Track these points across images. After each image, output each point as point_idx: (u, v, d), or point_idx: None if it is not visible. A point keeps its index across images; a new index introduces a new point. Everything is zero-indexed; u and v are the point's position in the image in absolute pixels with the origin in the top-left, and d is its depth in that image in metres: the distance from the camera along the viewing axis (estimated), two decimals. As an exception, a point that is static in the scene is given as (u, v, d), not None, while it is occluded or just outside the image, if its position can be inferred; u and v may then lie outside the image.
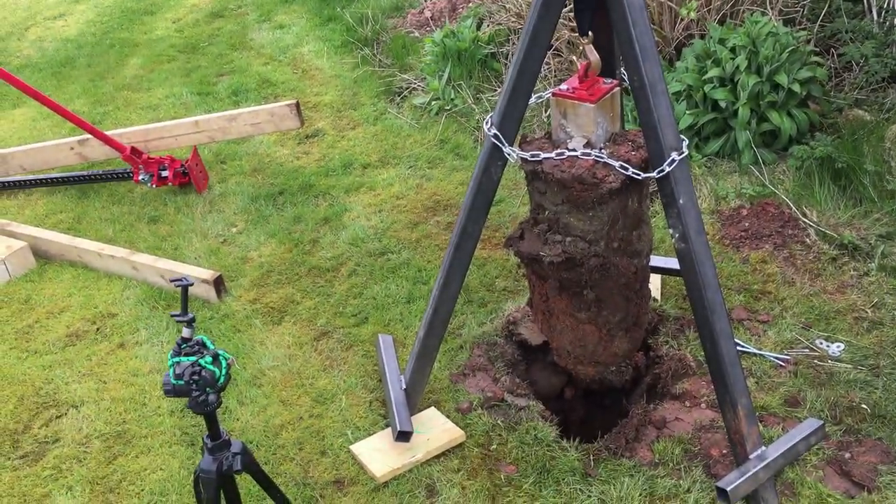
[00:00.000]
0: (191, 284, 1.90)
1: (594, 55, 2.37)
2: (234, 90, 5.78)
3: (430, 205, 4.26)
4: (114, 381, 3.30)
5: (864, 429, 2.80)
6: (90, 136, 4.52)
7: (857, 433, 2.79)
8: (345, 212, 4.28)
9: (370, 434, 2.92)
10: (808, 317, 3.29)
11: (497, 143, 2.45)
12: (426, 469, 2.77)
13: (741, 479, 2.44)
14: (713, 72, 4.09)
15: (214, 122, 4.52)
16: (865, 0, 4.64)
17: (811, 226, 3.72)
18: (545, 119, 4.65)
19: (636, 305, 2.69)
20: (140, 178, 4.51)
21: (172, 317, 1.92)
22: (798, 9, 4.68)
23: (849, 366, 3.05)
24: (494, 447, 2.83)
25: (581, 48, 2.38)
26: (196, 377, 1.86)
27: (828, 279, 3.48)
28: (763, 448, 2.53)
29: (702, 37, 4.51)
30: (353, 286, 3.71)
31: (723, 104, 4.07)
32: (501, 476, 2.73)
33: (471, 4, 5.84)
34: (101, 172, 4.65)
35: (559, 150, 2.38)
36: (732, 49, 4.09)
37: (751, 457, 2.50)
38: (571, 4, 2.46)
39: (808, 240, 3.69)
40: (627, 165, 2.33)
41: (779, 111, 4.05)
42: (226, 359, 1.91)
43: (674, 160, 2.27)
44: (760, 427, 2.67)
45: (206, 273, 3.71)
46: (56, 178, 4.75)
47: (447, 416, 2.94)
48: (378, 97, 5.46)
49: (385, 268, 3.80)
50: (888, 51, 4.42)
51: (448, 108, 5.08)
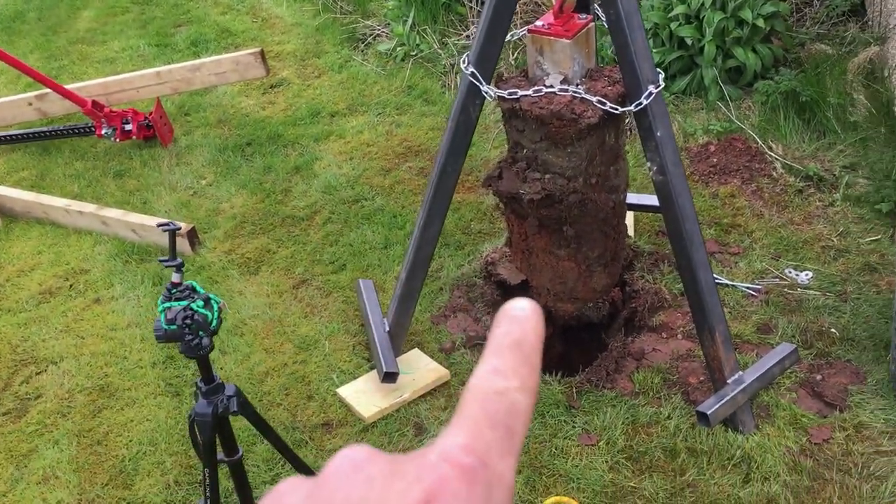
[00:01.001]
0: (178, 229, 1.89)
1: (569, -10, 2.37)
2: (193, 41, 5.66)
3: (402, 151, 4.25)
4: (92, 336, 3.28)
5: (834, 352, 2.90)
6: (49, 91, 4.40)
7: (828, 356, 2.90)
8: (315, 160, 4.25)
9: (355, 377, 2.95)
10: (777, 247, 3.37)
11: (475, 82, 2.45)
12: (413, 408, 2.82)
13: (720, 403, 2.53)
14: (679, 9, 4.10)
15: (177, 73, 4.44)
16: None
17: (777, 159, 3.79)
18: (511, 62, 4.64)
19: (614, 241, 2.74)
20: (103, 133, 4.42)
21: (161, 262, 1.91)
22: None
23: (817, 293, 3.14)
24: (479, 384, 2.88)
25: (556, -17, 2.37)
26: (189, 321, 1.86)
27: (795, 210, 3.56)
28: (740, 373, 2.61)
29: (666, -26, 4.51)
30: (329, 234, 3.71)
31: (689, 41, 4.10)
32: (487, 412, 2.78)
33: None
34: (63, 128, 4.55)
35: (536, 87, 2.39)
36: (697, -15, 4.10)
37: (728, 381, 2.58)
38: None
39: (775, 173, 3.76)
40: (605, 100, 2.35)
41: (744, 47, 4.09)
42: (217, 302, 1.91)
43: (651, 93, 2.30)
44: (736, 354, 2.75)
45: (179, 225, 3.67)
46: (15, 136, 4.63)
47: (431, 357, 2.98)
48: (341, 44, 5.39)
49: (360, 215, 3.80)
50: (848, -16, 4.47)
51: (414, 54, 5.03)
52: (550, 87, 2.37)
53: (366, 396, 2.85)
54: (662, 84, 2.31)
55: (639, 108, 2.31)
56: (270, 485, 2.58)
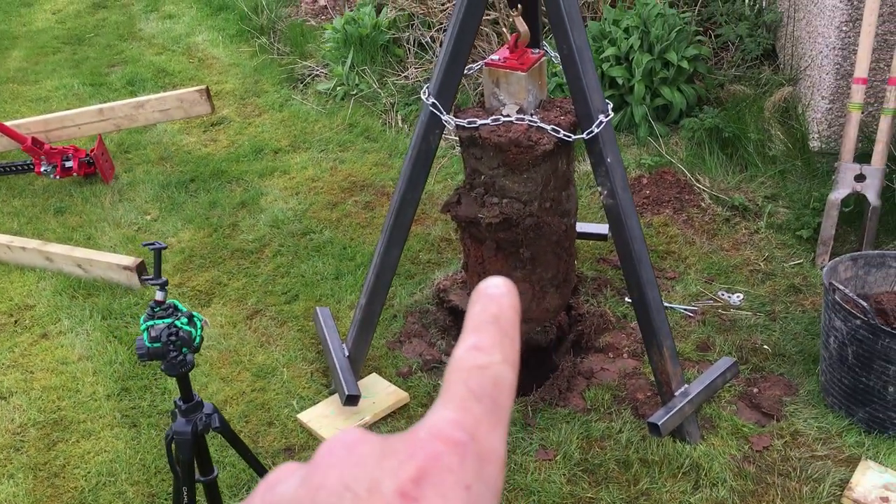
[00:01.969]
0: (164, 248, 1.94)
1: (523, 26, 2.53)
2: (129, 80, 5.66)
3: (347, 186, 4.34)
4: (42, 371, 3.23)
5: (768, 366, 3.10)
6: (-15, 128, 4.35)
7: (762, 370, 3.09)
8: (261, 196, 4.30)
9: (315, 403, 3.00)
10: (710, 272, 3.58)
11: (435, 112, 2.58)
12: (374, 430, 2.86)
13: (669, 414, 2.68)
14: (610, 51, 4.36)
15: (120, 110, 4.45)
16: (739, -16, 5.03)
17: (705, 191, 4.04)
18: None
19: (565, 263, 2.89)
20: (42, 170, 4.37)
21: (145, 280, 1.95)
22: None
23: (749, 313, 3.35)
24: (437, 405, 2.96)
25: (511, 20, 2.54)
26: (173, 338, 1.90)
27: (723, 238, 3.80)
28: (686, 385, 2.77)
29: (595, 19, 4.78)
30: (280, 266, 3.76)
31: (620, 81, 4.35)
32: (447, 431, 2.86)
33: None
34: (0, 165, 4.48)
35: (495, 117, 2.53)
36: (626, 29, 4.37)
37: (676, 394, 2.74)
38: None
39: (703, 203, 4.00)
40: (558, 129, 2.51)
41: (670, 87, 4.36)
42: (200, 319, 1.96)
43: (601, 122, 2.47)
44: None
45: (126, 260, 3.67)
46: (-53, 174, 4.54)
47: (389, 381, 3.05)
48: (281, 84, 5.48)
49: (309, 247, 3.87)
50: (759, 31, 4.82)
51: (354, 93, 5.16)
52: (508, 117, 2.52)
53: (327, 420, 2.89)
54: (612, 114, 2.49)
55: (590, 136, 2.48)
56: (237, 509, 2.59)
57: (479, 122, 2.53)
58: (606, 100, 2.52)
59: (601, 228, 3.50)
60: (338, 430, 0.37)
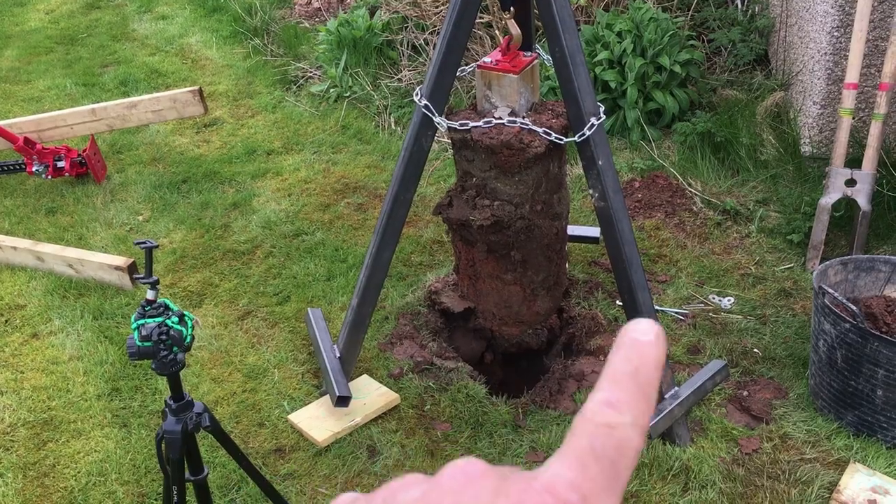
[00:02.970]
0: (156, 247, 1.94)
1: (516, 29, 2.54)
2: (122, 80, 5.65)
3: (339, 187, 4.34)
4: (32, 371, 3.22)
5: (758, 370, 3.11)
6: (-23, 127, 4.34)
7: (752, 374, 3.10)
8: (253, 197, 4.30)
9: (306, 404, 3.00)
10: (701, 275, 3.60)
11: (428, 114, 2.58)
12: (366, 431, 2.88)
13: (659, 417, 2.69)
14: (602, 55, 4.37)
15: (112, 110, 4.44)
16: (731, -10, 5.05)
17: (697, 195, 4.05)
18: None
19: (556, 265, 2.89)
20: (34, 170, 4.36)
21: (136, 279, 1.95)
22: (672, -2, 5.06)
23: (739, 316, 3.37)
24: (428, 407, 2.97)
25: (504, 23, 2.55)
26: (164, 337, 1.90)
27: (715, 242, 3.81)
28: (676, 388, 2.78)
29: (588, 23, 4.79)
30: (272, 267, 3.75)
31: (612, 85, 4.36)
32: (438, 433, 2.87)
33: (361, -6, 5.93)
34: (-9, 165, 4.47)
35: (486, 119, 2.54)
36: (619, 33, 4.39)
37: (666, 396, 2.75)
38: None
39: (695, 207, 4.02)
40: (550, 131, 2.52)
41: (662, 91, 4.38)
42: (191, 318, 1.96)
43: (593, 125, 2.48)
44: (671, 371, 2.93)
45: (118, 260, 3.66)
46: (-61, 173, 4.53)
47: (380, 382, 3.05)
48: (274, 86, 5.48)
49: (301, 248, 3.87)
50: (752, 36, 4.85)
51: (347, 95, 5.16)
52: (499, 119, 2.53)
53: (318, 421, 2.89)
54: (603, 117, 2.49)
55: (582, 139, 2.49)
56: (227, 510, 2.60)
57: (471, 125, 2.54)
58: (598, 103, 2.53)
59: (593, 231, 3.52)
60: (467, 459, 0.40)
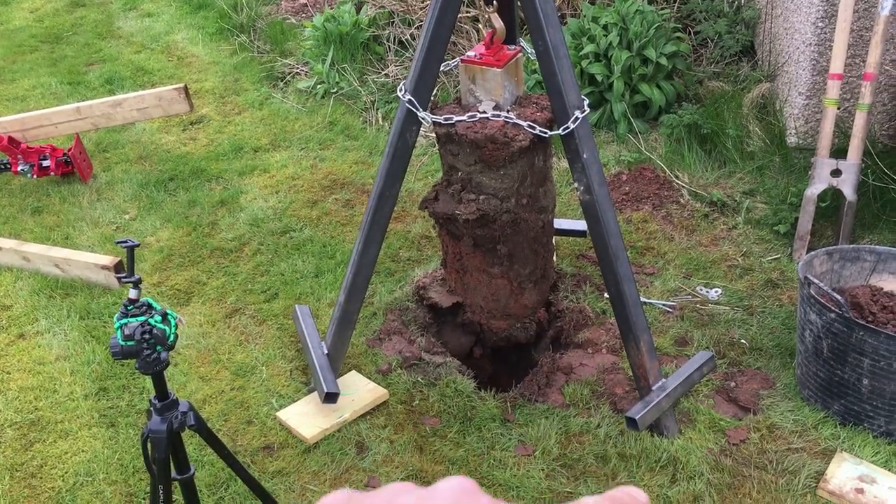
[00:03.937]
0: (137, 245, 1.93)
1: (499, 23, 2.54)
2: (108, 79, 5.62)
3: (327, 184, 4.33)
4: (18, 371, 3.20)
5: (745, 360, 3.12)
6: (-39, 127, 4.31)
7: (739, 365, 3.11)
8: (241, 194, 4.29)
9: (294, 401, 2.99)
10: (688, 267, 3.60)
11: (412, 109, 2.58)
12: (354, 427, 2.87)
13: (647, 408, 2.69)
14: (589, 48, 4.37)
15: (97, 109, 4.41)
16: (717, -18, 5.05)
17: (684, 187, 4.06)
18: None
19: (543, 258, 2.89)
20: (19, 170, 4.34)
21: (118, 278, 1.94)
22: (658, -10, 5.05)
23: (726, 307, 3.37)
24: (417, 402, 2.97)
25: (487, 17, 2.54)
26: (147, 336, 1.89)
27: (702, 233, 3.82)
28: (663, 380, 2.79)
29: (574, 16, 4.79)
30: (259, 264, 3.74)
31: (599, 78, 4.36)
32: (427, 428, 2.87)
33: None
34: (-25, 165, 4.45)
35: (471, 113, 2.54)
36: (605, 26, 4.38)
37: (653, 388, 2.75)
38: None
39: (682, 199, 4.02)
40: (535, 125, 2.51)
41: (649, 83, 4.38)
42: (174, 317, 1.95)
43: (577, 118, 2.48)
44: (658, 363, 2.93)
45: (104, 259, 3.64)
46: (-77, 173, 4.49)
47: (368, 378, 3.05)
48: (260, 82, 5.46)
49: (289, 245, 3.86)
50: (738, 28, 4.85)
51: (334, 91, 5.15)
52: (484, 113, 2.52)
53: (307, 418, 2.89)
54: (588, 110, 2.49)
55: (566, 132, 2.49)
56: (215, 508, 2.59)
57: (455, 119, 2.54)
58: (583, 96, 2.53)
59: (580, 225, 3.52)
60: (462, 476, 0.45)
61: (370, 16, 5.38)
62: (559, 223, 3.54)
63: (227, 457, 2.22)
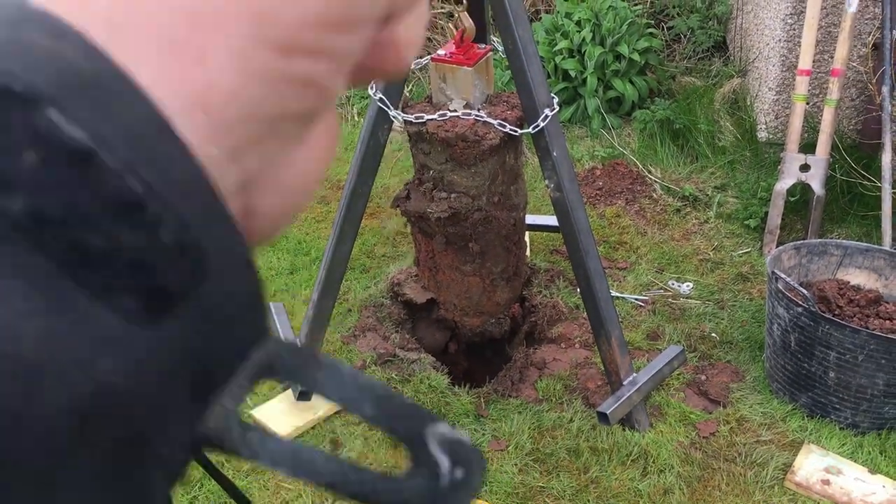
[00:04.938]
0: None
1: (469, 21, 2.55)
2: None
3: (302, 180, 4.33)
4: None
5: (715, 354, 3.17)
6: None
7: (710, 358, 3.15)
8: (215, 191, 4.27)
9: (269, 399, 3.00)
10: (660, 262, 3.64)
11: (383, 107, 2.58)
12: (328, 424, 2.89)
13: (618, 403, 2.73)
14: (562, 44, 4.39)
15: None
16: (689, -23, 5.10)
17: (656, 181, 4.10)
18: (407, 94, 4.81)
19: (515, 256, 2.92)
20: None
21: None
22: (632, -15, 5.09)
23: (698, 301, 3.42)
24: (391, 399, 2.98)
25: (457, 15, 2.55)
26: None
27: (674, 228, 3.86)
28: (634, 374, 2.82)
29: (548, 12, 4.81)
30: (234, 261, 3.74)
31: (572, 74, 4.39)
32: (400, 424, 2.88)
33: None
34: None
35: (441, 112, 2.55)
36: (578, 22, 4.41)
37: (624, 383, 2.78)
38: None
39: (655, 194, 4.06)
40: (505, 123, 2.53)
41: (622, 79, 4.41)
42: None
43: (547, 116, 2.50)
44: (630, 358, 2.97)
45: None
46: None
47: (343, 375, 3.06)
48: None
49: (263, 242, 3.85)
50: (711, 23, 4.89)
51: (309, 87, 5.14)
52: (454, 112, 2.54)
53: (282, 416, 2.89)
54: (557, 108, 2.51)
55: (536, 130, 2.50)
56: (189, 506, 2.60)
57: (426, 117, 2.55)
58: (555, 94, 2.55)
59: (553, 220, 3.54)
60: None
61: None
62: (532, 219, 3.56)
63: (203, 457, 2.22)
